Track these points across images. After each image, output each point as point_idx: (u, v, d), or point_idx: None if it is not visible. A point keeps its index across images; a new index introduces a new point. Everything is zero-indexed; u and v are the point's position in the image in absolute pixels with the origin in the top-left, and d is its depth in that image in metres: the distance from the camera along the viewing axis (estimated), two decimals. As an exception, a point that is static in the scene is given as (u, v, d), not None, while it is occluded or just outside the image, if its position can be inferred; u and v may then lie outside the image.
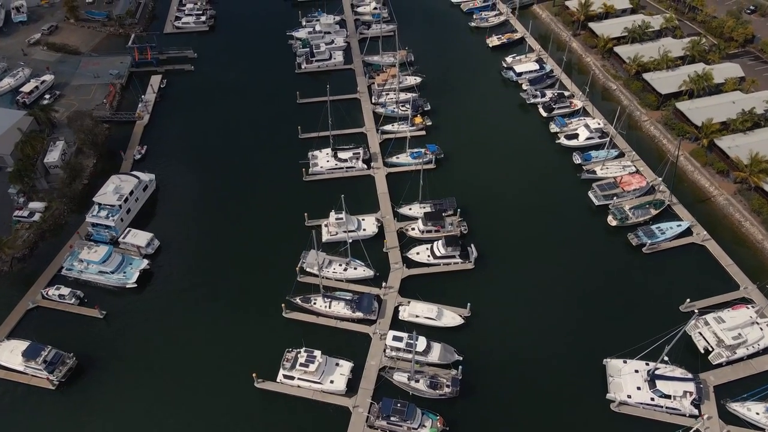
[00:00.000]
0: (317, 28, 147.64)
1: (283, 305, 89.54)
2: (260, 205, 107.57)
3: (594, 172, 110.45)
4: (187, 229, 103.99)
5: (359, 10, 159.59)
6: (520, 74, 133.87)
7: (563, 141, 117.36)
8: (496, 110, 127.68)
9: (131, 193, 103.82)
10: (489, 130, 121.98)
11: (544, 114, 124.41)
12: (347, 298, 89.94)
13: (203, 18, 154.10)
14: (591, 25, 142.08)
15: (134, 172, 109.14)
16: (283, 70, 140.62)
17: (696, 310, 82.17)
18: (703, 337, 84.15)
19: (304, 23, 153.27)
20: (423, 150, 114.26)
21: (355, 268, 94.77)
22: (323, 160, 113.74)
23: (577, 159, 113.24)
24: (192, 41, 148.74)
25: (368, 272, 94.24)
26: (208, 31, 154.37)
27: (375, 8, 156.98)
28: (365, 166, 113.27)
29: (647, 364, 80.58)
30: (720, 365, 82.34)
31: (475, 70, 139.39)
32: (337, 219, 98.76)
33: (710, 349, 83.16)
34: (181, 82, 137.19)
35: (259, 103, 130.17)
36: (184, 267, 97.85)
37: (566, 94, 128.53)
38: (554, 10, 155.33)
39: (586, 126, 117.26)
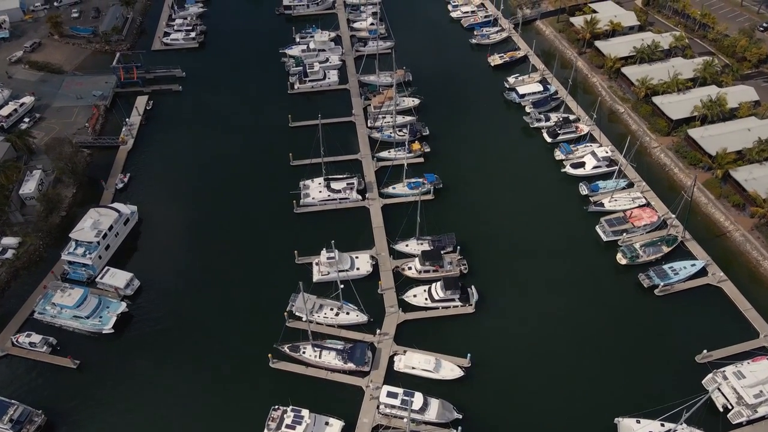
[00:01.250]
0: (311, 45, 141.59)
1: (269, 355, 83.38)
2: (248, 239, 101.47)
3: (602, 204, 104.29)
4: (170, 267, 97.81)
5: (355, 25, 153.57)
6: (523, 96, 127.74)
7: (569, 170, 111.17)
8: (498, 135, 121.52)
9: (110, 228, 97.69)
10: (490, 157, 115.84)
11: (549, 139, 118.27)
12: (338, 347, 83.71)
13: (193, 34, 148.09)
14: (597, 43, 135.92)
15: (115, 204, 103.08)
16: (276, 90, 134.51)
17: (716, 378, 76.52)
18: (722, 394, 77.94)
19: (297, 40, 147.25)
20: (421, 180, 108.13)
21: (348, 313, 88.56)
22: (315, 191, 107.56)
23: (583, 190, 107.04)
24: (181, 59, 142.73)
25: (361, 317, 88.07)
26: (198, 48, 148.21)
27: (372, 24, 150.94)
28: (360, 197, 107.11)
29: (662, 425, 74.36)
30: (740, 425, 76.24)
31: (475, 91, 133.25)
32: (328, 258, 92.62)
33: (729, 407, 76.98)
34: (168, 104, 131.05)
35: (249, 127, 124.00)
36: (165, 309, 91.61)
37: (572, 117, 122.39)
38: (558, 26, 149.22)
39: (593, 154, 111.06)
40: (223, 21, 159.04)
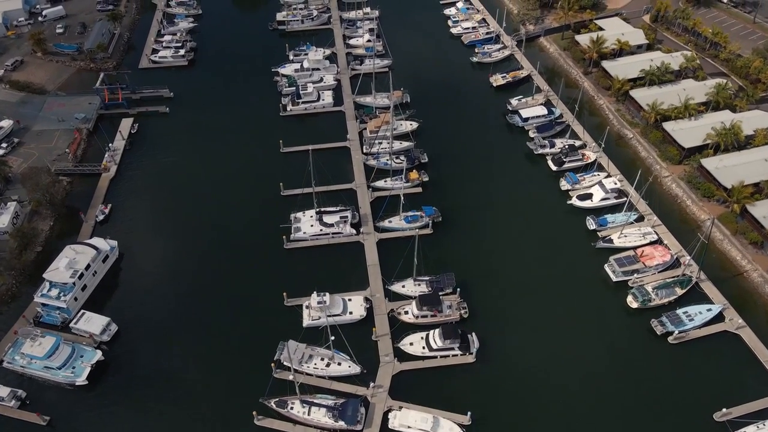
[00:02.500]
0: (305, 64, 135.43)
1: (254, 412, 77.23)
2: (236, 278, 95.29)
3: (610, 240, 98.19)
4: (150, 309, 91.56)
5: (351, 42, 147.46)
6: (526, 120, 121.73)
7: (575, 202, 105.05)
8: (500, 162, 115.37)
9: (87, 267, 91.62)
10: (492, 188, 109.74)
11: (554, 168, 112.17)
12: (329, 403, 77.51)
13: (182, 52, 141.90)
14: (604, 63, 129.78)
15: (93, 240, 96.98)
16: (267, 111, 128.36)
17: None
18: (744, 458, 72.07)
19: (291, 57, 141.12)
20: (418, 213, 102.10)
21: (339, 364, 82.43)
22: (307, 224, 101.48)
23: (591, 224, 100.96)
24: (169, 77, 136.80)
25: (354, 368, 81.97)
26: (187, 65, 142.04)
27: (368, 41, 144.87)
28: (354, 232, 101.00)
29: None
30: (764, 492, 70.39)
31: (476, 114, 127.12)
32: (319, 303, 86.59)
33: (753, 473, 71.06)
34: (155, 127, 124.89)
35: (238, 153, 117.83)
36: (144, 357, 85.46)
37: (578, 144, 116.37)
38: (563, 44, 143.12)
39: (601, 185, 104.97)
40: (214, 36, 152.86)
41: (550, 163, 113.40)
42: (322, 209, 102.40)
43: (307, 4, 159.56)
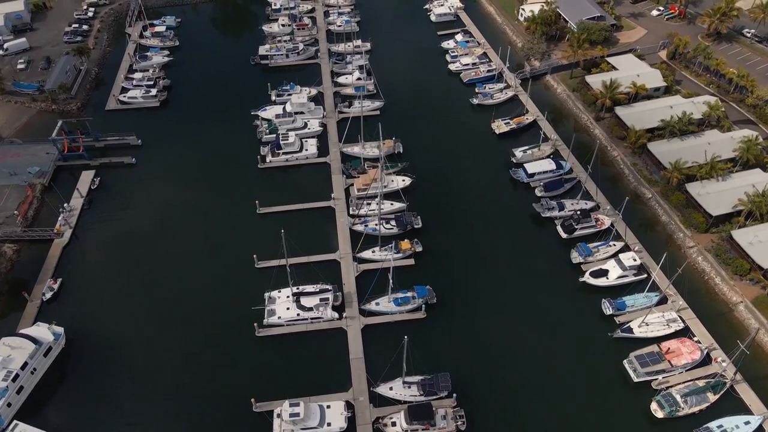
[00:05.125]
0: (288, 108, 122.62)
1: None
2: (200, 376, 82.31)
3: (630, 329, 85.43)
4: (100, 415, 78.43)
5: (340, 80, 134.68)
6: (532, 176, 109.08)
7: (588, 279, 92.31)
8: (504, 227, 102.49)
9: (24, 366, 78.87)
10: (494, 260, 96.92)
11: (564, 235, 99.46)
12: None
13: (153, 91, 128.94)
14: (618, 111, 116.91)
15: (34, 329, 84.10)
16: (245, 161, 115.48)
17: None
18: None
19: (273, 98, 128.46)
20: (410, 295, 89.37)
21: (314, 495, 69.87)
22: (282, 307, 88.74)
23: (607, 308, 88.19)
24: (138, 121, 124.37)
25: (331, 501, 69.39)
26: (159, 107, 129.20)
27: (358, 78, 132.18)
28: (335, 316, 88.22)
29: None
30: None
31: (477, 167, 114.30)
32: (291, 416, 73.78)
33: None
34: (118, 181, 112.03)
35: (211, 214, 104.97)
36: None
37: (590, 205, 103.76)
38: (572, 84, 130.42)
39: (618, 261, 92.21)
40: (190, 72, 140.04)
41: (559, 228, 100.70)
42: (300, 290, 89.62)
43: (292, 36, 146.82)
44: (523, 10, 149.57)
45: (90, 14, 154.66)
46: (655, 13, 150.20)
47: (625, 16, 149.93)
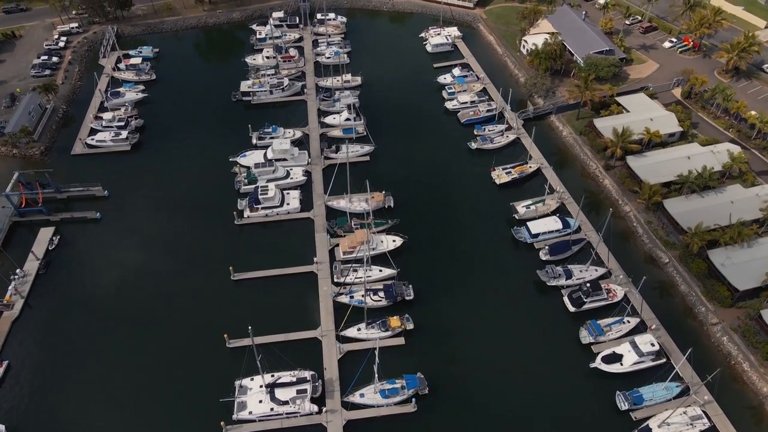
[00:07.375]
0: (269, 154, 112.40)
1: None
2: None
3: (649, 429, 75.04)
4: None
5: (327, 120, 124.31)
6: (536, 236, 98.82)
7: (600, 365, 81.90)
8: (506, 298, 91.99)
9: (-48, 480, 68.65)
10: (495, 341, 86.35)
11: (572, 309, 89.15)
12: None
13: (124, 134, 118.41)
14: (630, 161, 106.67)
15: (-30, 430, 73.98)
16: (221, 217, 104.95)
17: None
18: None
19: (255, 140, 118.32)
20: (398, 384, 79.04)
21: None
22: (254, 400, 78.27)
23: (622, 403, 77.77)
24: (107, 167, 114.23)
25: None
26: (131, 150, 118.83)
27: (347, 119, 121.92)
28: (315, 409, 77.83)
29: None
30: None
31: (476, 223, 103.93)
32: None
33: None
34: (80, 240, 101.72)
35: (180, 281, 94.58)
36: None
37: (600, 272, 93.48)
38: (578, 126, 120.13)
39: (634, 345, 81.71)
40: (166, 110, 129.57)
41: (566, 300, 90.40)
42: (275, 379, 79.27)
43: (277, 70, 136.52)
44: (525, 42, 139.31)
45: (62, 44, 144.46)
46: (667, 44, 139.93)
47: (636, 48, 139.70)
